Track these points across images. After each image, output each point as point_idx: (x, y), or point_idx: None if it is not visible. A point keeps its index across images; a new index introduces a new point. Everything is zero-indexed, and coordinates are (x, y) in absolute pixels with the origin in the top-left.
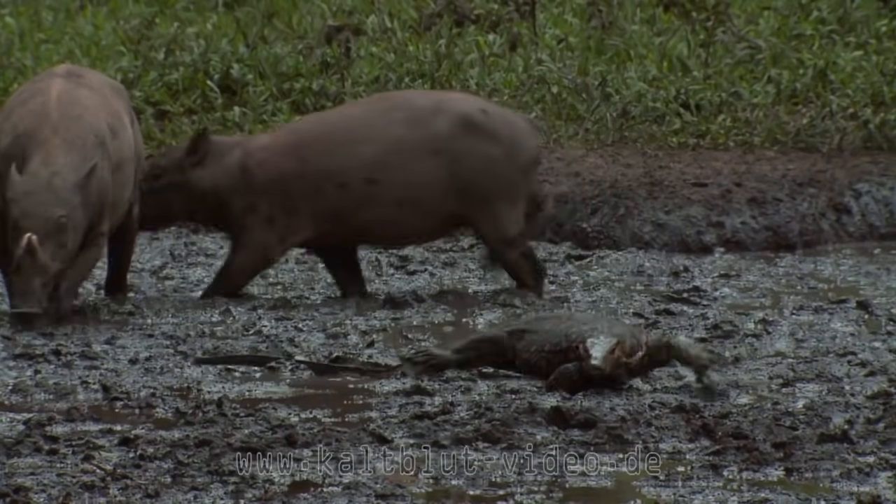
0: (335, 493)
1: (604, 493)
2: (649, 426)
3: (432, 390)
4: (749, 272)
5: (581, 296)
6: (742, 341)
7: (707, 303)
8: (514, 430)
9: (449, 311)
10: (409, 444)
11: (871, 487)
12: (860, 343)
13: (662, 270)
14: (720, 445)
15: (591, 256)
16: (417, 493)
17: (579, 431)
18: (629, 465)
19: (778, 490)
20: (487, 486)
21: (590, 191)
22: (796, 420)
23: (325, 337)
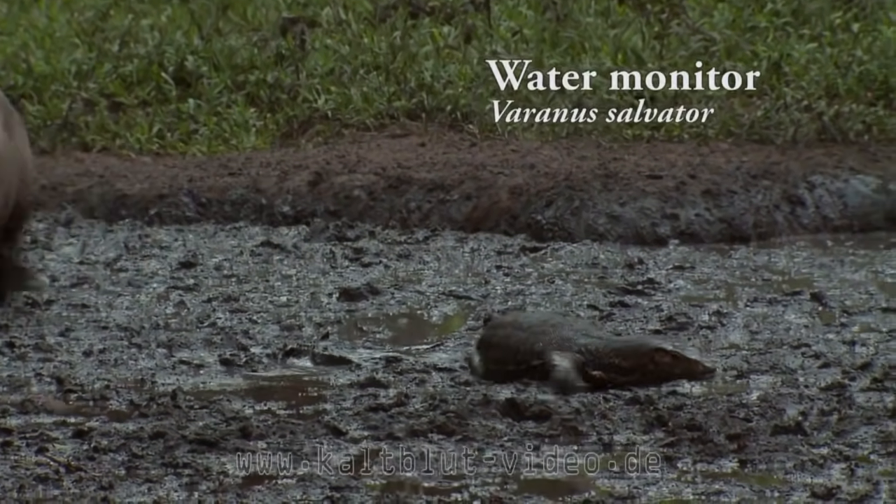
0: (290, 486)
1: (558, 485)
2: (604, 418)
3: (387, 382)
4: (703, 264)
5: (536, 288)
6: (696, 333)
7: (661, 295)
8: (469, 422)
9: (404, 303)
10: (363, 436)
11: (824, 479)
12: (814, 335)
13: (617, 262)
14: (674, 437)
15: (545, 248)
16: (372, 486)
17: (534, 423)
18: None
19: (732, 482)
20: (442, 478)
21: (544, 183)
22: (750, 412)
23: (279, 329)
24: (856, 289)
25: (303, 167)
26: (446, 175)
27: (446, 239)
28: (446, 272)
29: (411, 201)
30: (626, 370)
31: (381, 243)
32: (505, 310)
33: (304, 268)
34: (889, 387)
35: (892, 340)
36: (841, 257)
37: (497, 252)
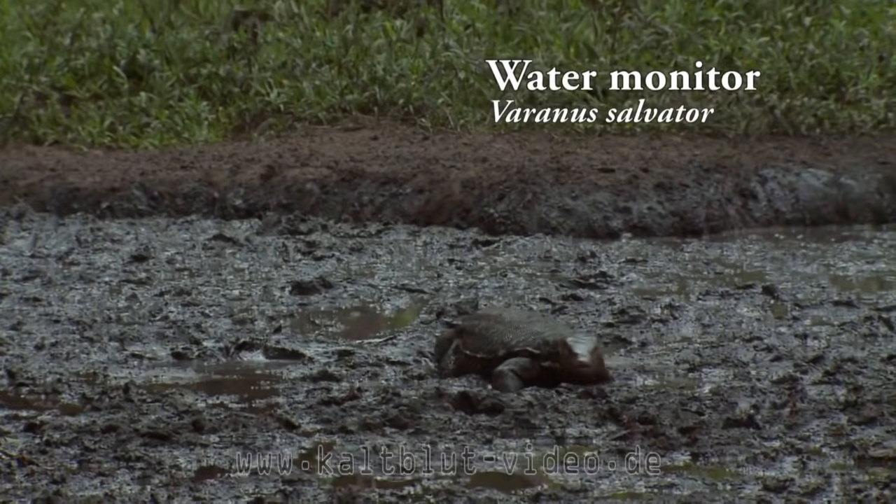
0: (242, 479)
1: (511, 478)
2: (556, 411)
3: (339, 376)
4: (656, 257)
5: (488, 282)
6: (649, 327)
7: (614, 288)
8: (422, 416)
9: (356, 296)
10: (316, 429)
11: (777, 472)
12: (766, 328)
13: (569, 256)
14: (627, 430)
15: (497, 242)
16: (325, 479)
17: (486, 417)
18: (536, 450)
19: (684, 475)
20: (395, 471)
21: (497, 176)
22: (702, 405)
23: (231, 323)
24: (808, 282)
25: (255, 160)
26: (399, 169)
27: (399, 232)
28: (399, 266)
29: (364, 195)
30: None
31: (334, 237)
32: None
33: (256, 261)
34: (841, 380)
35: (844, 333)
36: (793, 251)
37: (450, 245)
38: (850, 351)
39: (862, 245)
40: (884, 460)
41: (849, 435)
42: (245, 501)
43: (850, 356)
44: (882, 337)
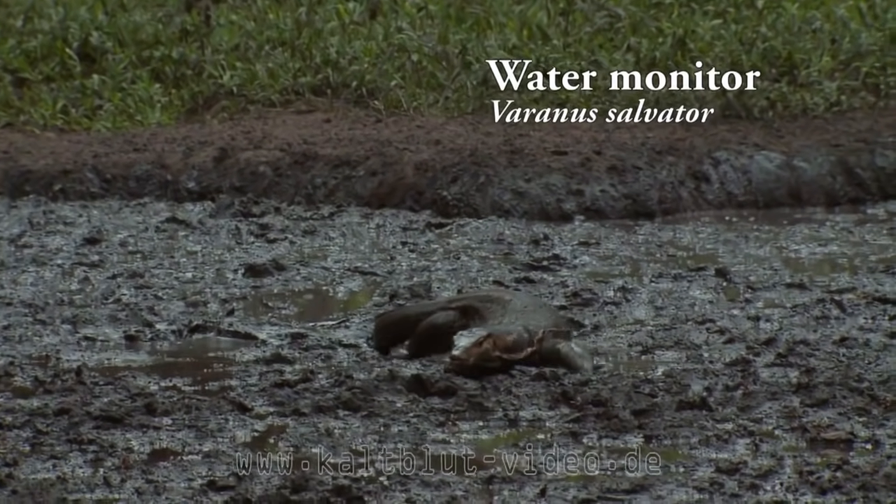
0: (195, 462)
1: (464, 461)
2: (509, 394)
3: (292, 358)
4: (608, 240)
5: (441, 264)
6: (601, 309)
7: (567, 271)
8: (375, 398)
9: (309, 279)
10: (269, 412)
11: (729, 454)
12: (719, 310)
13: (522, 238)
14: (580, 413)
15: (451, 224)
16: (278, 462)
17: (439, 399)
18: (489, 433)
19: (637, 457)
20: (348, 453)
21: (450, 159)
22: (655, 387)
23: (184, 305)
24: (760, 265)
25: (208, 143)
26: (352, 151)
27: (352, 215)
28: (352, 248)
29: (317, 177)
30: None
31: (287, 219)
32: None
33: (209, 244)
34: (793, 362)
35: (796, 316)
36: (745, 233)
37: (403, 228)
38: (803, 333)
39: (814, 227)
40: (836, 442)
41: (801, 417)
42: (198, 484)
43: (803, 338)
44: (834, 319)
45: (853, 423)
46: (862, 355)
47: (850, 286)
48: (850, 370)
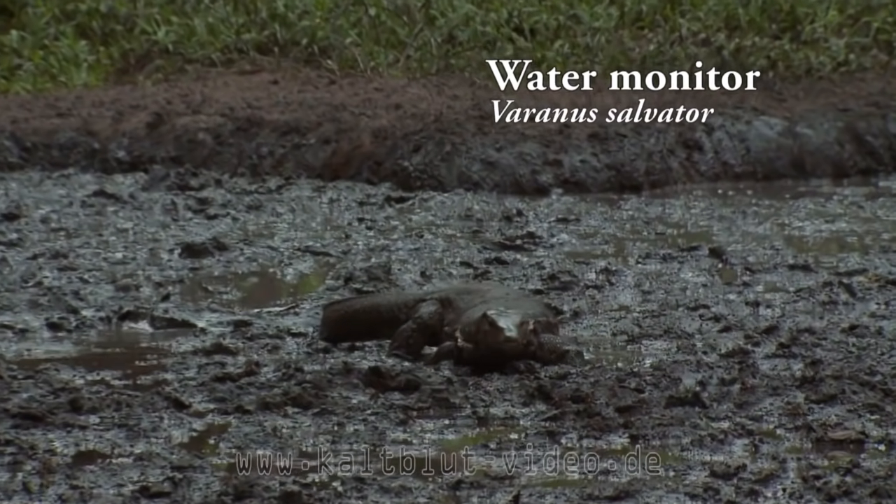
0: (126, 465)
1: (428, 464)
2: (478, 389)
3: (235, 349)
4: (590, 216)
5: (402, 243)
6: (582, 293)
7: (543, 250)
8: (328, 394)
9: (254, 260)
10: (209, 409)
11: (725, 456)
12: (713, 295)
13: (493, 214)
14: (558, 410)
15: (413, 199)
16: (219, 465)
17: (400, 395)
18: (456, 432)
19: (622, 459)
20: (298, 455)
21: (412, 125)
22: (642, 381)
23: (114, 290)
24: (760, 243)
25: (140, 107)
26: (302, 116)
27: (302, 188)
28: (302, 225)
29: (263, 146)
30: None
31: (229, 193)
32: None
33: (141, 220)
34: (797, 353)
35: (800, 301)
36: (743, 208)
37: (359, 203)
38: (808, 320)
39: (820, 202)
40: (845, 443)
41: (806, 415)
42: (129, 490)
43: (807, 326)
44: (842, 305)
45: (864, 421)
46: (874, 345)
47: (860, 267)
48: (861, 362)
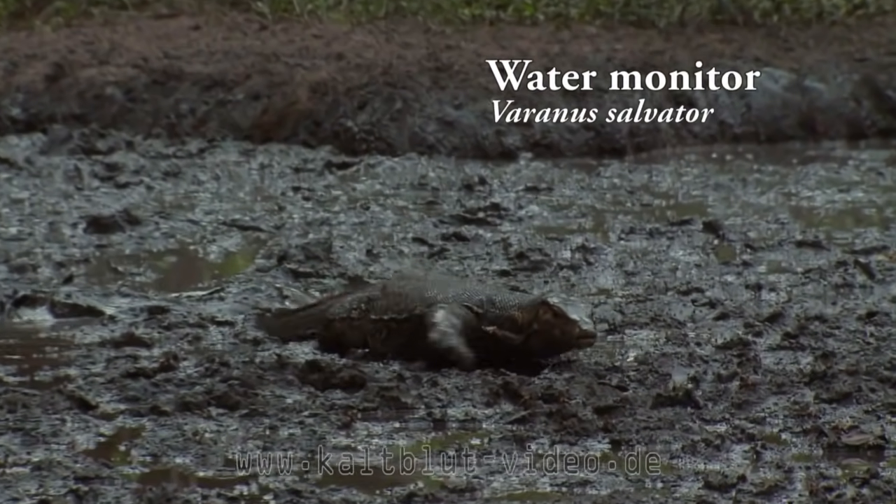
0: (22, 476)
1: (375, 474)
2: (435, 386)
3: (150, 340)
4: (564, 185)
5: (346, 216)
6: (555, 275)
7: (510, 224)
8: (258, 392)
9: (172, 236)
10: (119, 410)
11: (722, 465)
12: (708, 277)
13: (451, 182)
14: (527, 411)
15: (358, 164)
16: (130, 475)
17: (343, 393)
18: (408, 437)
19: (602, 469)
20: (223, 464)
21: (357, 78)
22: (626, 377)
23: (7, 270)
24: (762, 216)
25: (38, 57)
26: (228, 68)
27: (228, 152)
28: (228, 195)
29: (182, 102)
30: (520, 326)
31: (143, 157)
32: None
33: (40, 189)
34: (805, 344)
35: (810, 283)
36: (743, 175)
37: (294, 169)
38: (818, 306)
39: (833, 168)
40: (861, 449)
41: (816, 416)
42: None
43: (818, 313)
44: (859, 288)
45: (884, 423)
46: (895, 335)
47: (879, 244)
48: (881, 354)
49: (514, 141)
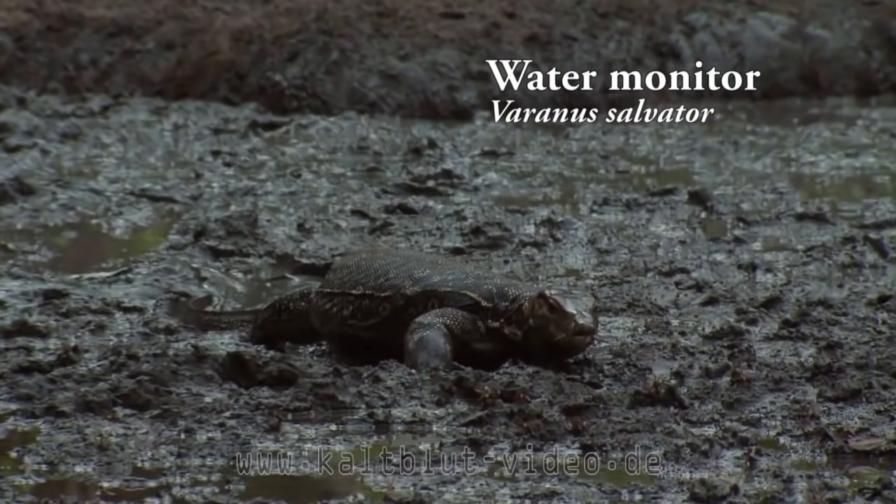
0: None
1: (308, 483)
2: (377, 382)
3: (46, 329)
4: (527, 148)
5: (273, 185)
6: (517, 253)
7: (464, 195)
8: (172, 390)
9: (72, 208)
10: (8, 410)
11: (710, 473)
12: (694, 255)
13: (396, 146)
14: (484, 411)
15: (287, 125)
16: (22, 486)
17: (271, 391)
18: (346, 441)
19: (570, 479)
20: (130, 473)
21: (286, 25)
22: (598, 372)
23: None
24: (757, 185)
25: None
26: (136, 13)
27: (136, 110)
28: (136, 161)
29: (82, 52)
30: (523, 320)
31: (36, 116)
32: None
33: None
34: (807, 333)
35: (812, 263)
36: (735, 137)
37: (214, 130)
38: (822, 290)
39: (839, 129)
40: (872, 455)
41: (819, 417)
42: None
43: (822, 298)
44: (869, 268)
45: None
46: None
47: (892, 217)
48: (894, 346)
49: (470, 98)
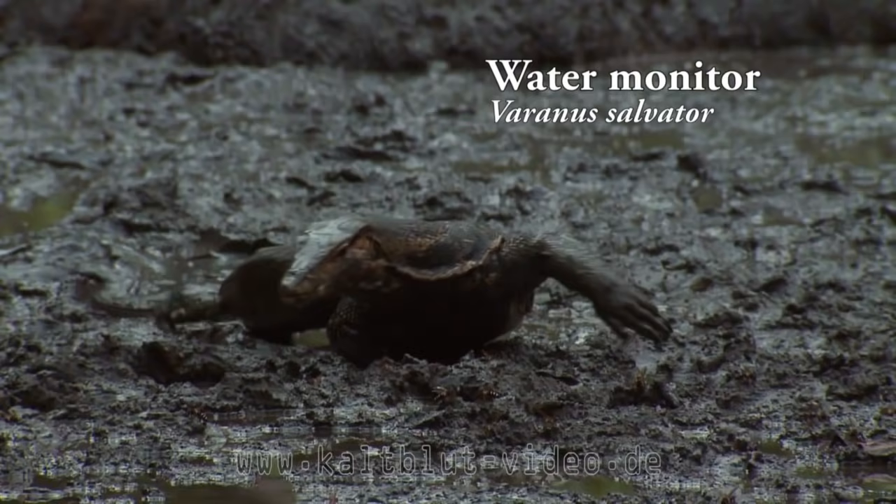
0: None
1: (237, 494)
2: (317, 376)
3: None
4: (491, 106)
5: (196, 148)
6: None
7: (417, 160)
8: (80, 387)
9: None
10: None
11: (702, 482)
12: (684, 230)
13: (339, 103)
14: (441, 411)
15: (212, 78)
16: None
17: (194, 387)
18: (282, 446)
19: (541, 489)
20: (32, 483)
21: None
22: (573, 366)
23: None
24: (757, 149)
25: None
26: None
27: (35, 61)
28: (36, 120)
29: None
30: None
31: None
32: None
33: None
34: (815, 321)
35: (821, 239)
36: (732, 94)
37: (126, 84)
38: (832, 270)
39: (853, 83)
40: (889, 461)
41: (829, 418)
42: None
43: (832, 279)
44: (887, 245)
45: None
46: None
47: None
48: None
49: (423, 46)
